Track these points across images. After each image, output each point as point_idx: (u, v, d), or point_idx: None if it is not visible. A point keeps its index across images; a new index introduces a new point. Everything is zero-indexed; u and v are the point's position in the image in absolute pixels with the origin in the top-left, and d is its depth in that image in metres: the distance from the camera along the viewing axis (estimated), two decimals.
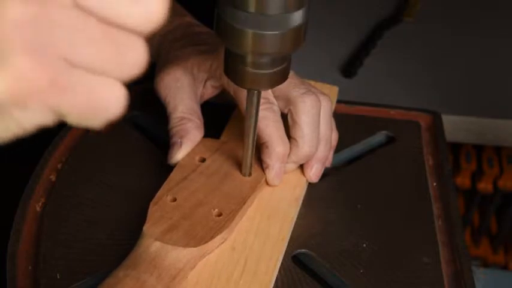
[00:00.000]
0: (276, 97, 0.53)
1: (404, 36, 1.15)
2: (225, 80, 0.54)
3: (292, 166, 0.54)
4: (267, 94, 0.53)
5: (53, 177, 0.55)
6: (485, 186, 1.24)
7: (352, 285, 0.48)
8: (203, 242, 0.45)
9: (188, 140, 0.53)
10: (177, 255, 0.44)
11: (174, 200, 0.49)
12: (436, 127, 0.65)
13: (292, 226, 0.51)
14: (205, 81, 0.56)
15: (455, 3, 1.23)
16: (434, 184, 0.58)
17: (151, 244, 0.44)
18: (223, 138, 0.57)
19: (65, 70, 0.27)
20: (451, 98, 1.03)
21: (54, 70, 0.27)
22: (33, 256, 0.49)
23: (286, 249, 0.49)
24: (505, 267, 1.33)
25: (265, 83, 0.45)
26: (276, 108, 0.52)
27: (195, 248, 0.45)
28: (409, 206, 0.56)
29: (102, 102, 0.28)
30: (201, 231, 0.46)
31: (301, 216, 0.53)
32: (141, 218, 0.48)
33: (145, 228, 0.46)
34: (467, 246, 0.53)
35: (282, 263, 0.48)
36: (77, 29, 0.27)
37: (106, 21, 0.27)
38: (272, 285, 0.46)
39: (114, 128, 0.61)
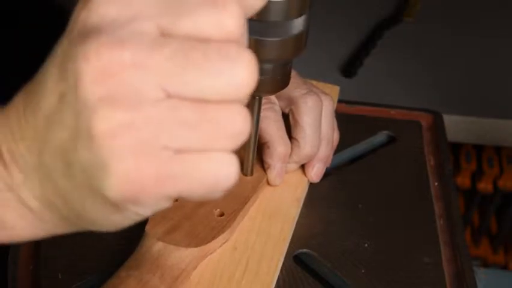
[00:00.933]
0: (277, 97, 0.53)
1: (404, 36, 1.14)
2: None
3: (293, 166, 0.54)
4: None
5: None
6: (485, 186, 1.23)
7: (354, 285, 0.48)
8: (205, 242, 0.45)
9: None
10: (180, 255, 0.44)
11: (176, 200, 0.48)
12: (437, 127, 0.65)
13: (294, 226, 0.51)
14: None
15: (455, 3, 1.23)
16: (436, 184, 0.58)
17: (154, 244, 0.44)
18: None
19: (168, 160, 0.27)
20: (451, 98, 1.03)
21: (159, 163, 0.26)
22: (35, 256, 0.48)
23: (288, 249, 0.49)
24: (505, 267, 1.33)
25: (266, 88, 0.45)
26: (277, 108, 0.53)
27: (197, 248, 0.45)
28: (410, 206, 0.56)
29: (213, 177, 0.27)
30: (203, 231, 0.46)
31: (303, 216, 0.53)
32: None
33: (147, 228, 0.45)
34: (467, 246, 0.53)
35: (283, 263, 0.48)
36: (174, 118, 0.26)
37: (199, 101, 0.26)
38: (274, 285, 0.46)
39: None
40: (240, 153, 0.52)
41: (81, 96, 0.26)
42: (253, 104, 0.47)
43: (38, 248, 0.49)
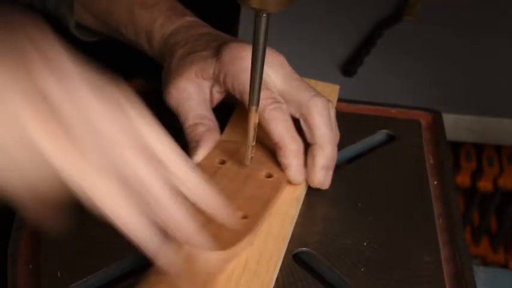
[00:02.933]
0: (285, 101, 0.53)
1: (404, 35, 1.14)
2: (229, 85, 0.53)
3: (323, 173, 0.53)
4: (274, 94, 0.52)
5: None
6: (485, 185, 1.24)
7: (353, 284, 0.48)
8: (232, 245, 0.44)
9: (204, 142, 0.53)
10: (207, 259, 0.43)
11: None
12: (437, 126, 0.65)
13: (293, 225, 0.51)
14: (211, 88, 0.56)
15: (455, 3, 1.23)
16: (435, 183, 0.58)
17: (180, 248, 0.44)
18: (223, 137, 0.57)
19: None
20: (452, 96, 1.03)
21: None
22: (34, 255, 0.48)
23: (287, 247, 0.49)
24: (504, 266, 1.33)
25: (273, 2, 0.41)
26: (284, 107, 0.52)
27: (224, 252, 0.44)
28: (410, 205, 0.56)
29: None
30: (228, 234, 0.45)
31: (302, 214, 0.53)
32: None
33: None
34: (467, 245, 0.53)
35: (282, 262, 0.48)
36: None
37: None
38: (273, 284, 0.46)
39: None
40: (259, 153, 0.52)
41: None
42: (260, 23, 0.42)
43: (37, 246, 0.49)
